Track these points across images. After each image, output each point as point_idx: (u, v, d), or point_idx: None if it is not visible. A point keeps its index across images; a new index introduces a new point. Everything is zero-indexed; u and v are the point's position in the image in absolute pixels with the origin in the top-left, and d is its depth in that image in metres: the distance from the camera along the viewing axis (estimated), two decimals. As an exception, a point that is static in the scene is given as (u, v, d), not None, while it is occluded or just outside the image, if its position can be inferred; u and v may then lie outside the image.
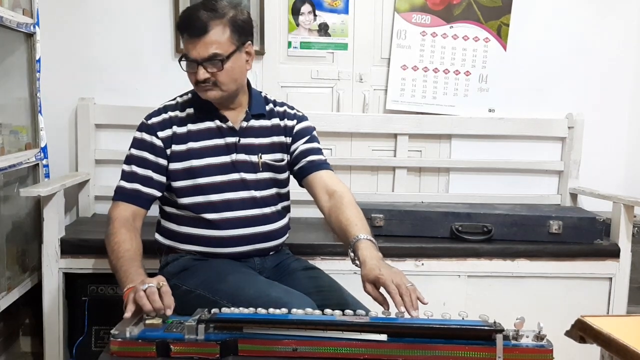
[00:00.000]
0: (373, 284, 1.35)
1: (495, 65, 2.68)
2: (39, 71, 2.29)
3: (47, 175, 2.38)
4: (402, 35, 2.63)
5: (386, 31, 2.64)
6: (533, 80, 2.71)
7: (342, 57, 2.64)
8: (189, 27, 1.53)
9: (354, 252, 1.45)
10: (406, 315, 1.27)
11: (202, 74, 1.54)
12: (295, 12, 2.59)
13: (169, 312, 1.26)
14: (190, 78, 1.59)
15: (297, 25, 2.61)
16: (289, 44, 2.62)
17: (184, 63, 1.56)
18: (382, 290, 1.34)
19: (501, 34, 2.66)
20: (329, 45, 2.63)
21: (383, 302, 1.33)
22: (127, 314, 1.25)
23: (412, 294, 1.30)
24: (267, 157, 1.68)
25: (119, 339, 1.19)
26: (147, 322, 1.24)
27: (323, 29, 2.62)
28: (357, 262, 1.42)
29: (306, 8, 2.60)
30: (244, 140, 1.66)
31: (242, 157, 1.65)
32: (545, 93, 2.72)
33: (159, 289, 1.28)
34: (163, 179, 1.63)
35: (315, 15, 2.60)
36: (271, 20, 2.58)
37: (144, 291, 1.26)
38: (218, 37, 1.53)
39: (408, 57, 2.65)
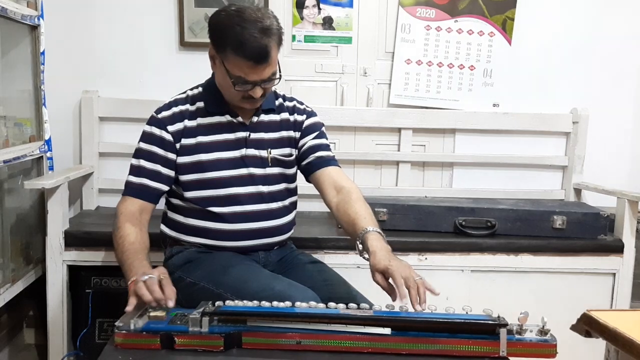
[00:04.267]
0: (382, 274, 1.35)
1: (500, 59, 2.66)
2: (43, 64, 2.29)
3: (51, 168, 2.38)
4: (406, 29, 2.62)
5: (390, 25, 2.63)
6: (538, 75, 2.70)
7: (346, 50, 2.64)
8: (257, 57, 1.48)
9: (362, 244, 1.45)
10: (410, 309, 1.27)
11: (259, 92, 1.54)
12: (300, 5, 2.58)
13: (171, 303, 1.26)
14: (235, 94, 1.54)
15: (302, 18, 2.60)
16: (293, 37, 2.61)
17: (239, 87, 1.51)
18: (390, 281, 1.35)
19: (506, 29, 2.65)
20: (333, 39, 2.62)
21: (391, 293, 1.33)
22: (129, 307, 1.26)
23: (420, 287, 1.30)
24: (276, 152, 1.67)
25: (123, 331, 1.20)
26: (151, 314, 1.24)
27: (327, 23, 2.61)
28: (366, 254, 1.42)
29: (310, 1, 2.58)
30: (254, 135, 1.65)
31: (251, 152, 1.65)
32: (549, 88, 2.71)
33: (159, 281, 1.28)
34: (172, 173, 1.62)
35: (319, 8, 2.59)
36: (275, 14, 2.56)
37: (144, 282, 1.27)
38: (275, 56, 1.52)
39: (412, 51, 2.64)
